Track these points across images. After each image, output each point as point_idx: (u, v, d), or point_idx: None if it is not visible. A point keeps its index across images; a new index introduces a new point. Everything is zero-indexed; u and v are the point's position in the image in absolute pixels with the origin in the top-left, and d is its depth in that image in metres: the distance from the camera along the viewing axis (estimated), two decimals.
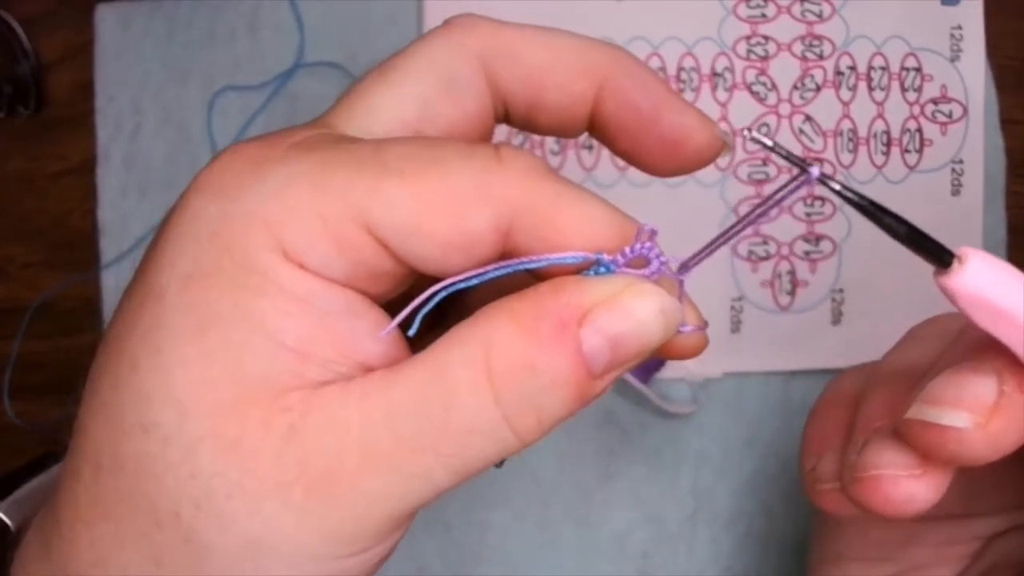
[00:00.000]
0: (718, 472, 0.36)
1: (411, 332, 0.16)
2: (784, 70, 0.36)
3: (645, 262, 0.17)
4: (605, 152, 0.36)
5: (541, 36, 0.19)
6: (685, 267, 0.18)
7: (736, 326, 0.35)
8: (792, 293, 0.36)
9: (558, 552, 0.36)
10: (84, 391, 0.17)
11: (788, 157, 0.16)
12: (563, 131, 0.20)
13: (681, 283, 0.18)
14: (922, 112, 0.35)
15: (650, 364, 0.34)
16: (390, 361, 0.17)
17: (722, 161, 0.36)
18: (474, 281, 0.16)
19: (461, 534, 0.36)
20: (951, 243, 0.39)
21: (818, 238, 0.36)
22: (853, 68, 0.35)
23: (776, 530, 0.36)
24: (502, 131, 0.36)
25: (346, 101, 0.19)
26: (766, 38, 0.36)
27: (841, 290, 0.36)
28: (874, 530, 0.25)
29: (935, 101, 0.35)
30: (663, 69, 0.36)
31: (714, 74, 0.36)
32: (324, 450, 0.15)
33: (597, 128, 0.20)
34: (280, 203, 0.16)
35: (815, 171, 0.16)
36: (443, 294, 0.16)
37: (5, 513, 0.19)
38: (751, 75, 0.36)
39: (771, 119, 0.36)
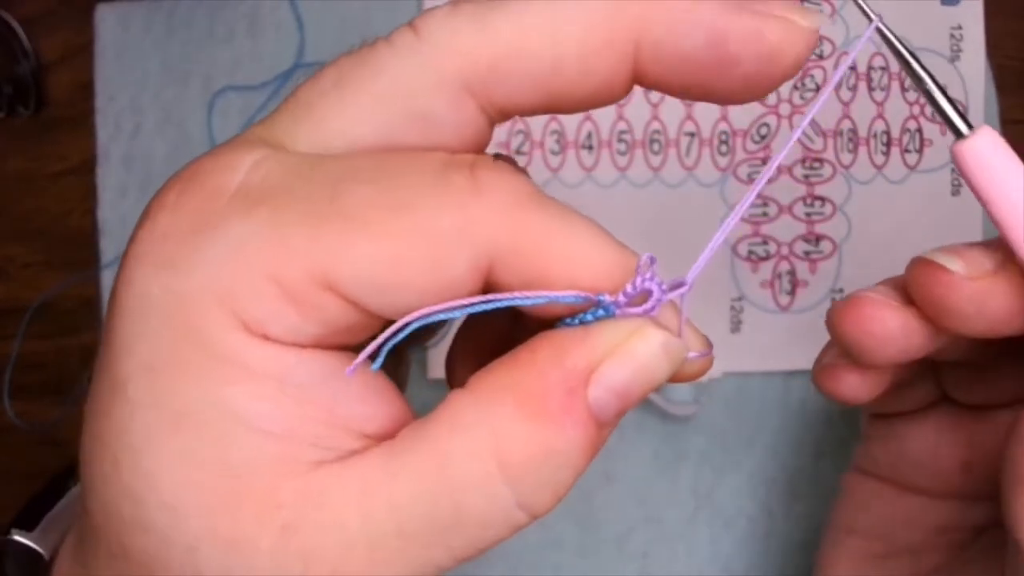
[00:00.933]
0: (718, 472, 0.36)
1: (375, 367, 0.15)
2: None
3: (646, 296, 0.16)
4: (605, 152, 0.36)
5: (538, 16, 0.15)
6: (681, 283, 0.16)
7: (736, 326, 0.35)
8: (792, 293, 0.36)
9: (558, 552, 0.36)
10: (81, 471, 0.16)
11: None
12: (600, 105, 0.16)
13: (682, 299, 0.17)
14: (922, 112, 0.35)
15: None
16: (386, 419, 0.16)
17: (722, 161, 0.36)
18: (457, 314, 0.15)
19: None
20: (952, 243, 0.39)
21: (818, 238, 0.36)
22: (853, 68, 0.35)
23: (776, 530, 0.36)
24: (503, 129, 0.36)
25: (292, 109, 0.16)
26: None
27: (841, 290, 0.36)
28: (878, 505, 0.25)
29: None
30: None
31: None
32: (326, 550, 0.14)
33: (650, 87, 0.16)
34: (231, 272, 0.14)
35: (876, 22, 0.19)
36: (416, 325, 0.15)
37: (36, 542, 0.19)
38: None
39: (771, 119, 0.36)
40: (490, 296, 0.15)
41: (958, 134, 0.19)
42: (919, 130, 0.35)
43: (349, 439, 0.15)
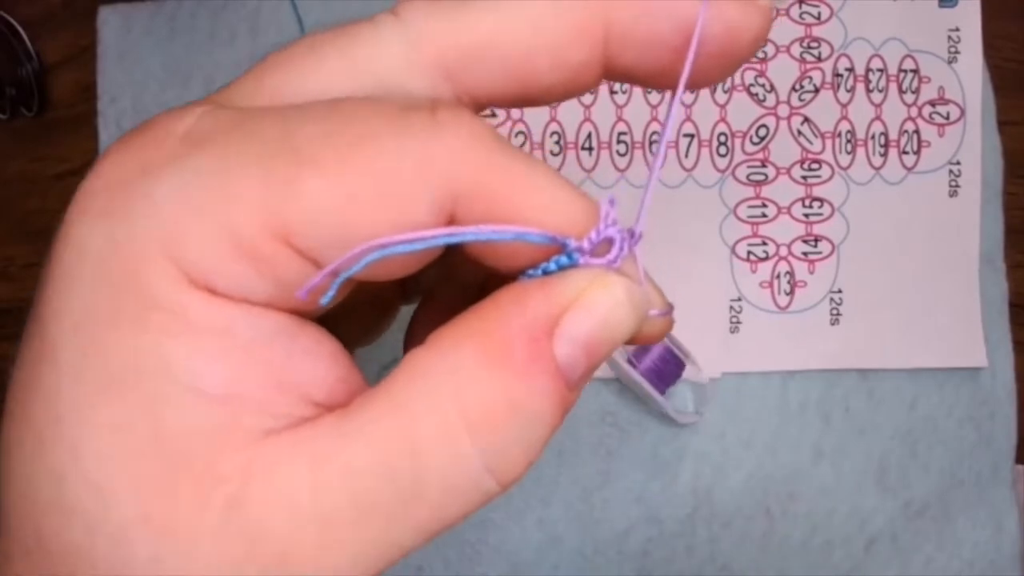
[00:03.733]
0: (717, 472, 0.36)
1: (324, 301, 0.13)
2: (782, 72, 0.36)
3: (608, 246, 0.15)
4: (604, 153, 0.36)
5: (515, 8, 0.15)
6: (633, 234, 0.15)
7: (735, 326, 0.36)
8: (791, 294, 0.36)
9: (558, 552, 0.36)
10: (0, 458, 0.14)
11: None
12: (571, 96, 0.16)
13: (636, 249, 0.16)
14: (920, 114, 0.36)
15: (667, 375, 0.34)
16: (338, 385, 0.14)
17: (721, 162, 0.36)
18: (419, 246, 0.13)
19: (461, 533, 0.36)
20: (950, 245, 0.39)
21: (816, 239, 0.36)
22: (851, 70, 0.36)
23: (775, 529, 0.36)
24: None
25: (257, 71, 0.15)
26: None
27: (839, 291, 0.36)
28: None
29: (933, 103, 0.36)
30: None
31: None
32: (275, 528, 0.13)
33: (620, 78, 0.16)
34: (176, 218, 0.13)
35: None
36: (373, 256, 0.13)
37: None
38: (749, 77, 0.36)
39: (769, 121, 0.36)
40: (454, 228, 0.14)
41: None
42: (917, 132, 0.36)
43: (299, 405, 0.14)
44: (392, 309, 0.20)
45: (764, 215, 0.36)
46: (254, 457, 0.13)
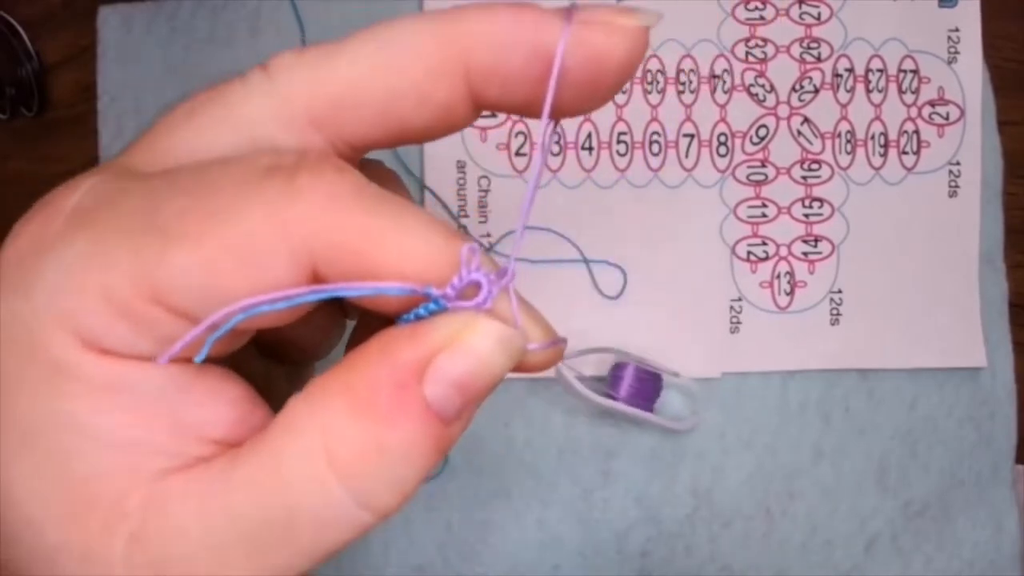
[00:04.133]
0: (717, 472, 0.36)
1: (198, 359, 0.15)
2: (783, 72, 0.36)
3: (477, 287, 0.16)
4: (604, 153, 0.36)
5: (373, 54, 0.16)
6: (505, 273, 0.16)
7: (735, 326, 0.36)
8: (791, 294, 0.36)
9: (558, 552, 0.36)
10: None
11: None
12: (448, 132, 0.17)
13: (511, 292, 0.16)
14: (919, 114, 0.36)
15: (648, 392, 0.34)
16: (236, 426, 0.16)
17: (721, 162, 0.36)
18: (281, 305, 0.15)
19: (462, 533, 0.36)
20: (949, 245, 0.39)
21: (817, 239, 0.36)
22: (851, 70, 0.36)
23: (774, 529, 0.36)
24: None
25: (148, 137, 0.17)
26: (765, 40, 0.36)
27: (839, 291, 0.36)
28: None
29: (932, 103, 0.36)
30: (662, 71, 0.36)
31: (713, 76, 0.36)
32: (174, 556, 0.15)
33: (494, 109, 0.17)
34: (66, 292, 0.15)
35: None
36: (239, 318, 0.15)
37: None
38: (750, 77, 0.36)
39: (770, 120, 0.36)
40: (313, 287, 0.15)
41: None
42: (916, 132, 0.36)
43: (197, 446, 0.16)
44: (338, 326, 0.22)
45: (764, 215, 0.36)
46: (152, 494, 0.15)
